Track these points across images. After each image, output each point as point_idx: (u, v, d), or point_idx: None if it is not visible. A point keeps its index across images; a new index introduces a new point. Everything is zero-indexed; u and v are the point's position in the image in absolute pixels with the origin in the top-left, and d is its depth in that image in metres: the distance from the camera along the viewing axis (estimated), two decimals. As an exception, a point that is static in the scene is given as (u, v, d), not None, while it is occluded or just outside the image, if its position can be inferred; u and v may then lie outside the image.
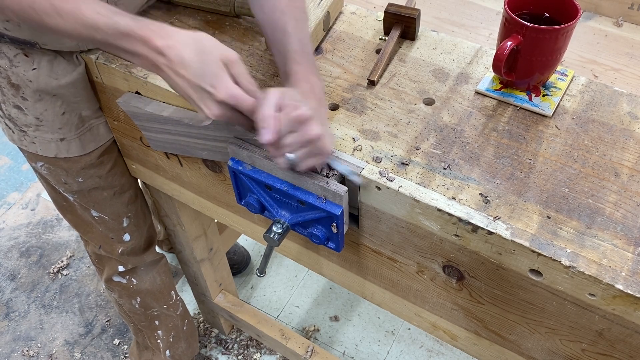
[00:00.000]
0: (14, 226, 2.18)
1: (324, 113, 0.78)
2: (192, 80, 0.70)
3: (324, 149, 0.74)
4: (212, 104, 0.71)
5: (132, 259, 1.29)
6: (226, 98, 0.70)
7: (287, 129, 0.71)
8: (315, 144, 0.72)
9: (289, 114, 0.70)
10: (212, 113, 0.72)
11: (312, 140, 0.71)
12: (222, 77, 0.70)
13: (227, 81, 0.71)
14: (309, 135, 0.71)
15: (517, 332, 0.80)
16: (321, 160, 0.75)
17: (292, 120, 0.70)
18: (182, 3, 1.03)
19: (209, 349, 1.81)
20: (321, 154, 0.74)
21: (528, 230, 0.69)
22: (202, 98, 0.71)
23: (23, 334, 1.86)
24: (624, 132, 0.79)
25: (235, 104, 0.71)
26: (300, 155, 0.73)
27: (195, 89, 0.71)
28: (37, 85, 0.95)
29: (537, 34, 0.76)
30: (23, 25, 0.88)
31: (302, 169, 0.75)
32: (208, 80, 0.70)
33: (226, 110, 0.72)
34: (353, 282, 0.98)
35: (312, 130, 0.71)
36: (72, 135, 1.03)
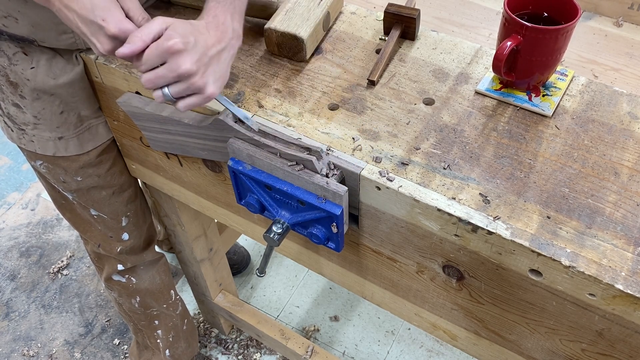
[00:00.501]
0: (14, 226, 2.18)
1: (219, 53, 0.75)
2: (82, 13, 0.69)
3: (202, 87, 0.72)
4: (104, 39, 0.70)
5: (131, 258, 1.29)
6: (117, 32, 0.69)
7: (158, 59, 0.69)
8: (190, 80, 0.71)
9: (160, 43, 0.69)
10: (104, 48, 0.71)
11: (181, 74, 0.70)
12: (113, 10, 0.69)
13: (118, 15, 0.69)
14: (178, 68, 0.69)
15: (517, 332, 0.80)
16: (200, 102, 0.74)
17: (162, 51, 0.69)
18: (182, 3, 1.03)
19: (209, 349, 1.81)
20: (199, 94, 0.73)
21: (528, 230, 0.69)
22: (94, 32, 0.70)
23: (23, 334, 1.86)
24: (624, 132, 0.79)
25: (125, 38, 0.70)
26: (174, 90, 0.71)
27: (86, 23, 0.70)
28: (34, 84, 0.95)
29: (537, 34, 0.76)
30: (21, 21, 0.88)
31: (181, 108, 0.74)
32: (99, 14, 0.69)
33: (118, 45, 0.71)
34: (353, 282, 0.98)
35: (182, 63, 0.69)
36: (70, 134, 1.03)
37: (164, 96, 0.72)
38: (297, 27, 0.91)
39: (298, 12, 0.93)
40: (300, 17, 0.92)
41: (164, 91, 0.72)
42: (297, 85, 0.90)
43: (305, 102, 0.87)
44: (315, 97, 0.88)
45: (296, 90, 0.90)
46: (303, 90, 0.89)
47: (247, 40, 0.98)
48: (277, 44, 0.93)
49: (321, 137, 0.82)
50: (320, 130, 0.83)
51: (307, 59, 0.94)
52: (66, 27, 0.90)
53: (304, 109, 0.87)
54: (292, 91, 0.89)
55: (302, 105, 0.87)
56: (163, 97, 0.72)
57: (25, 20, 0.88)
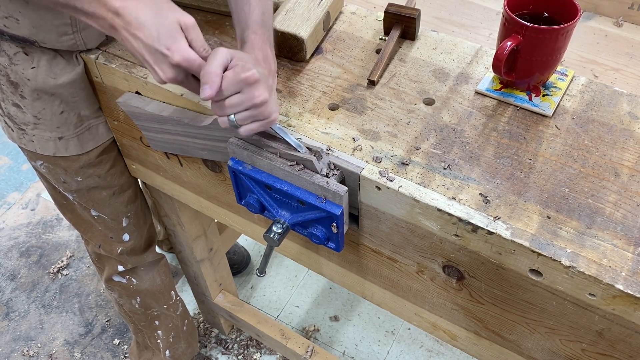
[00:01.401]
0: (14, 226, 2.18)
1: (272, 84, 0.78)
2: (147, 42, 0.70)
3: (268, 115, 0.74)
4: (167, 67, 0.71)
5: (131, 259, 1.29)
6: (181, 61, 0.70)
7: (234, 89, 0.71)
8: (259, 109, 0.73)
9: (238, 73, 0.70)
10: (166, 76, 0.72)
11: (257, 103, 0.72)
12: (178, 40, 0.70)
13: (183, 44, 0.71)
14: (254, 97, 0.72)
15: (517, 332, 0.80)
16: (263, 127, 0.76)
17: (239, 81, 0.71)
18: (182, 3, 1.03)
19: (209, 349, 1.81)
20: (264, 119, 0.75)
21: (528, 230, 0.69)
22: (157, 61, 0.71)
23: (23, 334, 1.86)
24: (624, 132, 0.79)
25: (189, 67, 0.71)
26: (241, 117, 0.73)
27: (151, 52, 0.71)
28: (35, 84, 0.95)
29: (537, 34, 0.76)
30: (22, 22, 0.88)
31: (243, 133, 0.76)
32: (163, 43, 0.70)
33: (180, 73, 0.73)
34: (353, 282, 0.98)
35: (258, 94, 0.72)
36: (70, 134, 1.03)
37: (229, 123, 0.74)
38: (297, 27, 0.91)
39: (298, 12, 0.93)
40: (300, 17, 0.92)
41: (230, 118, 0.74)
42: (297, 85, 0.90)
43: (306, 102, 0.87)
44: (316, 97, 0.88)
45: (296, 90, 0.90)
46: (303, 90, 0.89)
47: (247, 40, 0.98)
48: (277, 43, 0.93)
49: (321, 137, 0.82)
50: (320, 130, 0.83)
51: (307, 59, 0.94)
52: (67, 29, 0.91)
53: (304, 109, 0.87)
54: (292, 91, 0.89)
55: (302, 105, 0.87)
56: (229, 123, 0.74)
57: (26, 21, 0.88)
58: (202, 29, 1.00)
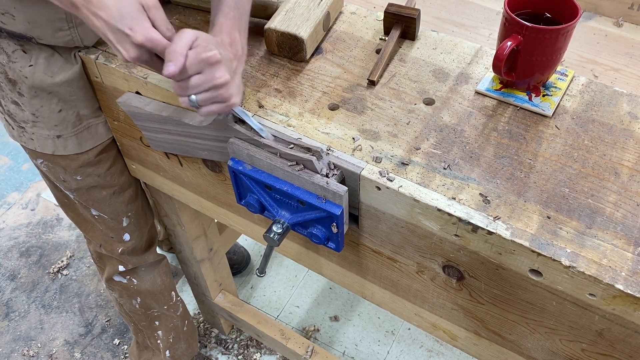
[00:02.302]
0: (14, 226, 2.18)
1: (237, 67, 0.79)
2: (109, 21, 0.71)
3: (229, 97, 0.75)
4: (130, 47, 0.72)
5: (132, 259, 1.29)
6: (144, 41, 0.71)
7: (195, 69, 0.72)
8: (220, 91, 0.74)
9: (199, 54, 0.71)
10: (129, 55, 0.72)
11: (217, 84, 0.73)
12: (140, 20, 0.71)
13: (145, 24, 0.71)
14: (214, 78, 0.72)
15: (517, 332, 0.80)
16: (223, 110, 0.77)
17: (201, 61, 0.71)
18: (182, 3, 1.03)
19: (209, 349, 1.81)
20: (224, 102, 0.75)
21: (528, 230, 0.69)
22: (120, 40, 0.72)
23: (23, 334, 1.86)
24: (624, 132, 0.79)
25: (152, 47, 0.72)
26: (202, 98, 0.74)
27: (113, 31, 0.71)
28: (32, 82, 0.95)
29: (537, 34, 0.76)
30: (18, 18, 0.88)
31: (203, 114, 0.77)
32: (126, 23, 0.70)
33: (143, 53, 0.73)
34: (353, 282, 0.98)
35: (219, 75, 0.72)
36: (68, 132, 1.03)
37: (190, 102, 0.75)
38: (297, 27, 0.91)
39: (298, 12, 0.93)
40: (300, 17, 0.92)
41: (191, 98, 0.74)
42: (297, 85, 0.90)
43: (306, 102, 0.87)
44: (316, 97, 0.88)
45: (296, 90, 0.90)
46: (303, 90, 0.89)
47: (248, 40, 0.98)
48: (277, 44, 0.93)
49: (321, 137, 0.82)
50: (320, 130, 0.83)
51: (307, 59, 0.94)
52: (62, 24, 0.91)
53: (304, 109, 0.87)
54: (292, 91, 0.89)
55: (302, 105, 0.87)
56: (189, 103, 0.75)
57: (22, 17, 0.88)
58: (202, 29, 1.00)
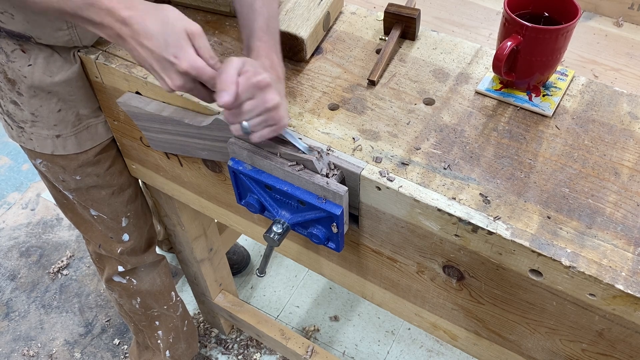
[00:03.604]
0: (14, 226, 2.18)
1: (281, 89, 0.79)
2: (155, 51, 0.71)
3: (280, 120, 0.75)
4: (175, 75, 0.72)
5: (132, 260, 1.29)
6: (188, 69, 0.71)
7: (246, 95, 0.72)
8: (272, 114, 0.74)
9: (249, 79, 0.71)
10: (174, 84, 0.73)
11: (269, 108, 0.73)
12: (185, 48, 0.71)
13: (190, 52, 0.71)
14: (266, 102, 0.72)
15: (517, 332, 0.80)
16: (275, 132, 0.77)
17: (251, 86, 0.71)
18: (182, 3, 1.03)
19: (209, 349, 1.81)
20: (276, 124, 0.75)
21: (528, 230, 0.69)
22: (165, 69, 0.72)
23: (23, 334, 1.86)
24: (624, 132, 0.79)
25: (197, 75, 0.72)
26: (254, 123, 0.74)
27: (158, 60, 0.71)
28: (31, 81, 0.95)
29: (537, 34, 0.76)
30: (17, 17, 0.88)
31: (255, 139, 0.76)
32: (171, 51, 0.70)
33: (188, 81, 0.73)
34: (353, 282, 0.98)
35: (270, 98, 0.72)
36: (67, 132, 1.03)
37: (242, 129, 0.74)
38: (297, 27, 0.91)
39: (298, 12, 0.93)
40: (300, 17, 0.92)
41: (243, 125, 0.74)
42: (297, 85, 0.90)
43: (306, 102, 0.87)
44: (316, 97, 0.88)
45: (296, 90, 0.90)
46: (303, 90, 0.89)
47: (247, 40, 0.98)
48: (277, 44, 0.93)
49: (321, 137, 0.82)
50: (320, 130, 0.83)
51: (307, 59, 0.94)
52: (61, 24, 0.91)
53: (304, 109, 0.87)
54: (292, 91, 0.89)
55: (303, 105, 0.87)
56: (241, 130, 0.74)
57: (20, 16, 0.88)
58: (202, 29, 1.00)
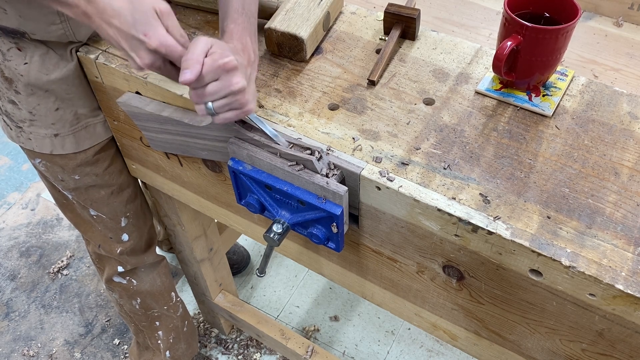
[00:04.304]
0: (14, 226, 2.18)
1: (251, 73, 0.78)
2: (123, 29, 0.70)
3: (245, 103, 0.74)
4: (145, 53, 0.71)
5: (131, 260, 1.29)
6: (158, 46, 0.70)
7: (212, 76, 0.71)
8: (237, 97, 0.73)
9: (216, 60, 0.70)
10: (144, 62, 0.72)
11: (234, 91, 0.72)
12: (155, 26, 0.70)
13: (160, 30, 0.70)
14: (231, 85, 0.72)
15: (517, 332, 0.80)
16: (239, 116, 0.76)
17: (217, 67, 0.71)
18: (182, 3, 1.03)
19: (209, 349, 1.81)
20: (240, 109, 0.75)
21: (528, 230, 0.69)
22: (134, 47, 0.71)
23: (23, 334, 1.86)
24: (624, 132, 0.79)
25: (167, 52, 0.71)
26: (218, 105, 0.73)
27: (127, 38, 0.71)
28: (27, 80, 0.95)
29: (537, 34, 0.76)
30: (10, 12, 0.88)
31: (219, 121, 0.76)
32: (140, 29, 0.70)
33: (157, 60, 0.72)
34: (353, 282, 0.98)
35: (236, 81, 0.72)
36: (65, 131, 1.03)
37: (206, 110, 0.74)
38: (297, 27, 0.91)
39: (298, 12, 0.93)
40: (300, 17, 0.92)
41: (208, 105, 0.74)
42: (297, 85, 0.90)
43: (306, 102, 0.87)
44: (316, 97, 0.88)
45: (296, 90, 0.90)
46: (303, 90, 0.89)
47: (247, 40, 0.98)
48: (277, 44, 0.93)
49: (321, 137, 0.82)
50: (320, 130, 0.83)
51: (307, 59, 0.94)
52: (54, 18, 0.90)
53: (304, 109, 0.87)
54: (292, 91, 0.89)
55: (302, 105, 0.87)
56: (205, 110, 0.74)
57: (13, 12, 0.88)
58: (202, 29, 1.00)
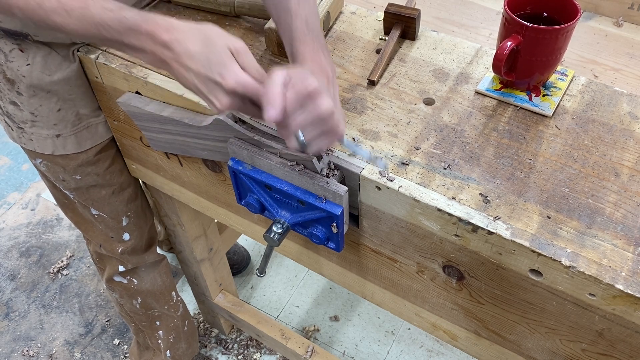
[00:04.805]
0: (14, 226, 2.18)
1: (334, 92, 0.74)
2: (200, 71, 0.68)
3: (336, 128, 0.69)
4: (222, 95, 0.68)
5: (132, 259, 1.29)
6: (235, 86, 0.67)
7: (296, 105, 0.66)
8: (327, 121, 0.68)
9: (297, 89, 0.66)
10: (223, 104, 0.69)
11: (323, 116, 0.67)
12: (230, 65, 0.67)
13: (236, 69, 0.68)
14: (319, 109, 0.67)
15: (517, 332, 0.80)
16: (332, 142, 0.71)
17: (301, 95, 0.66)
18: (182, 3, 1.03)
19: (209, 349, 1.81)
20: (333, 133, 0.70)
21: (528, 230, 0.69)
22: (211, 90, 0.68)
23: (23, 334, 1.86)
24: (624, 132, 0.79)
25: (244, 91, 0.68)
26: (310, 135, 0.68)
27: (204, 81, 0.68)
28: (30, 81, 0.95)
29: (537, 34, 0.76)
30: None
31: (313, 151, 0.71)
32: (216, 70, 0.67)
33: (236, 100, 0.69)
34: (353, 282, 0.98)
35: (322, 105, 0.67)
36: (67, 131, 1.03)
37: (299, 143, 0.68)
38: (297, 27, 0.90)
39: (298, 12, 0.93)
40: (300, 17, 0.92)
41: (299, 138, 0.68)
42: (297, 85, 0.90)
43: (306, 102, 0.87)
44: (316, 97, 0.88)
45: (296, 90, 0.89)
46: (303, 90, 0.89)
47: (247, 40, 0.98)
48: (278, 43, 0.93)
49: (321, 137, 0.82)
50: (320, 130, 0.83)
51: (307, 59, 0.93)
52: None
53: (304, 109, 0.86)
54: (292, 91, 0.89)
55: (302, 105, 0.87)
56: (298, 144, 0.68)
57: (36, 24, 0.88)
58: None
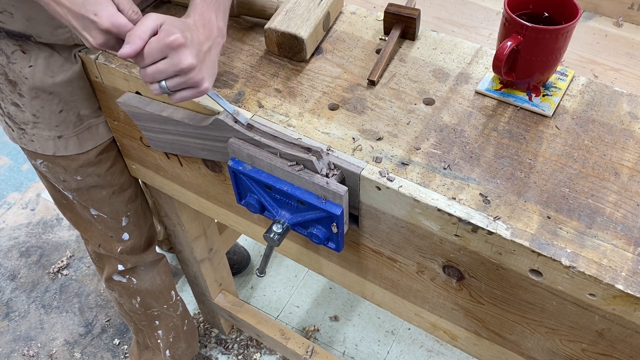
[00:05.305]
0: (14, 226, 2.18)
1: (210, 49, 0.77)
2: (73, 8, 0.69)
3: (199, 81, 0.73)
4: (96, 33, 0.70)
5: (131, 258, 1.29)
6: (110, 27, 0.69)
7: (156, 53, 0.70)
8: (187, 75, 0.72)
9: (162, 38, 0.69)
10: (97, 42, 0.71)
11: (183, 68, 0.71)
12: (105, 4, 0.69)
13: (111, 9, 0.70)
14: (179, 62, 0.70)
15: (517, 332, 0.80)
16: (195, 95, 0.75)
17: (162, 45, 0.69)
18: (182, 3, 1.03)
19: (209, 349, 1.81)
20: (196, 87, 0.74)
21: (528, 230, 0.69)
22: (86, 27, 0.70)
23: (23, 334, 1.86)
24: (624, 132, 0.79)
25: (118, 32, 0.70)
26: (172, 84, 0.72)
27: (78, 18, 0.70)
28: (32, 83, 0.95)
29: (537, 34, 0.76)
30: (16, 16, 0.88)
31: (176, 100, 0.75)
32: (90, 8, 0.69)
33: (110, 39, 0.72)
34: (353, 282, 0.98)
35: (183, 59, 0.70)
36: (69, 133, 1.03)
37: (160, 89, 0.73)
38: (297, 27, 0.91)
39: (298, 12, 0.93)
40: (300, 17, 0.92)
41: (161, 84, 0.73)
42: (297, 85, 0.90)
43: (306, 102, 0.87)
44: (316, 97, 0.88)
45: (296, 90, 0.90)
46: (303, 90, 0.89)
47: (247, 40, 0.98)
48: (278, 44, 0.93)
49: (321, 137, 0.82)
50: (320, 130, 0.83)
51: (307, 59, 0.94)
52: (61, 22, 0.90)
53: (304, 109, 0.87)
54: (292, 91, 0.89)
55: (302, 105, 0.87)
56: (160, 90, 0.74)
57: (20, 15, 0.88)
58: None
